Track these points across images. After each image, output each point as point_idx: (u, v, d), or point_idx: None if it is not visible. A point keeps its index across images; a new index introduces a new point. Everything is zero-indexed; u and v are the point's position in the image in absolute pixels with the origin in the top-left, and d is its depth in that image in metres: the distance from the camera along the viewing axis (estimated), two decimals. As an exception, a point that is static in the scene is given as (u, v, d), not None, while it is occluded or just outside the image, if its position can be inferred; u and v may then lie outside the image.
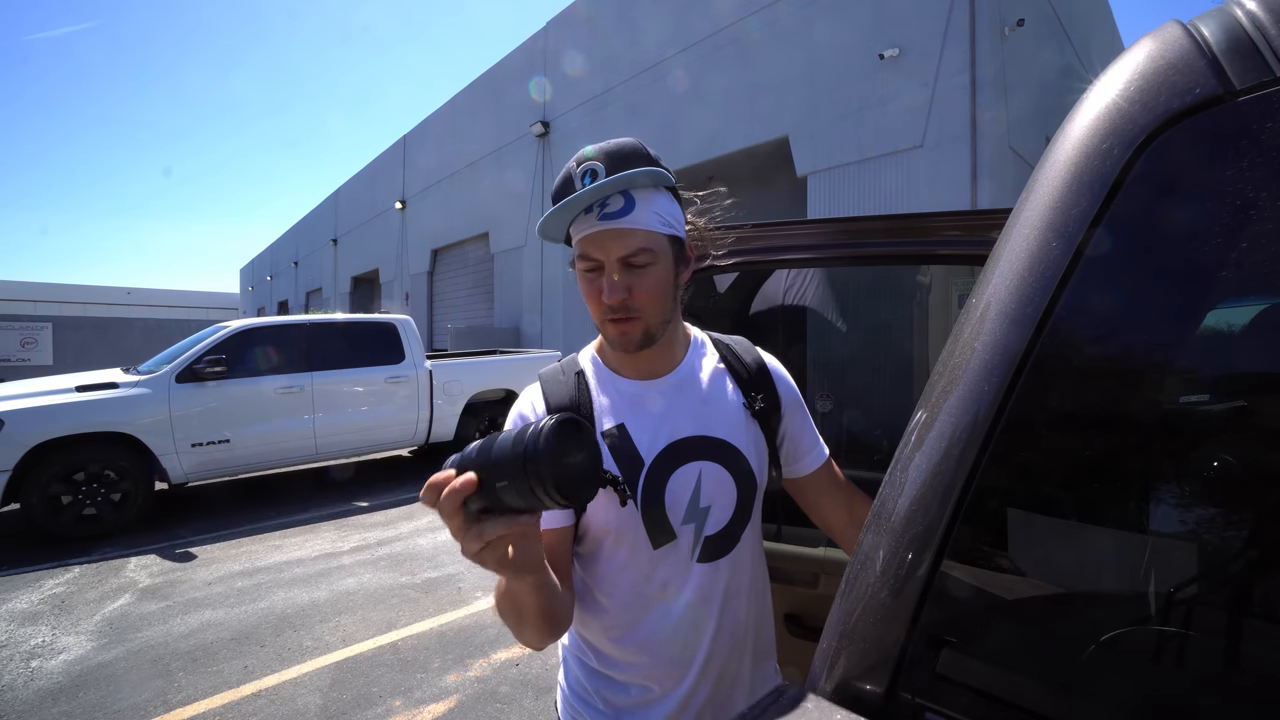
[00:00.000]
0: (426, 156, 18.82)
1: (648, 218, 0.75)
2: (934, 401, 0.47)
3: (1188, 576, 0.40)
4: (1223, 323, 0.40)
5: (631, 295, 0.75)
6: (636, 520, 0.80)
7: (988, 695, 0.42)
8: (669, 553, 0.81)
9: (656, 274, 0.76)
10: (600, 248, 0.75)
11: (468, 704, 2.48)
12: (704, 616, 0.83)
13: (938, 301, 1.80)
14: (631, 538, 0.80)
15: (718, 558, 0.83)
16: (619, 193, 0.74)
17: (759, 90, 9.30)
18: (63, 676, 2.71)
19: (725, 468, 0.83)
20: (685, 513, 0.81)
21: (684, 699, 0.82)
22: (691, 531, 0.82)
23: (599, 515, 0.80)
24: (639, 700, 0.84)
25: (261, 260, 41.46)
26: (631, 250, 0.74)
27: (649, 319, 0.77)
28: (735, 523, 0.84)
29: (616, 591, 0.83)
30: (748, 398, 0.87)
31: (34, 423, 4.35)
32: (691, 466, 0.81)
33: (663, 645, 0.82)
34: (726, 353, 0.91)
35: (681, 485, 0.81)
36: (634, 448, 0.80)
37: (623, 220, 0.73)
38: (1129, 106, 0.42)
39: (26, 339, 13.72)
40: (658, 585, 0.82)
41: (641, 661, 0.83)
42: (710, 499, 0.82)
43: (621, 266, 0.75)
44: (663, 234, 0.76)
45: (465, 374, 6.65)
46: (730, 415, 0.85)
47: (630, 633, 0.83)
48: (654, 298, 0.76)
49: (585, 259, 0.76)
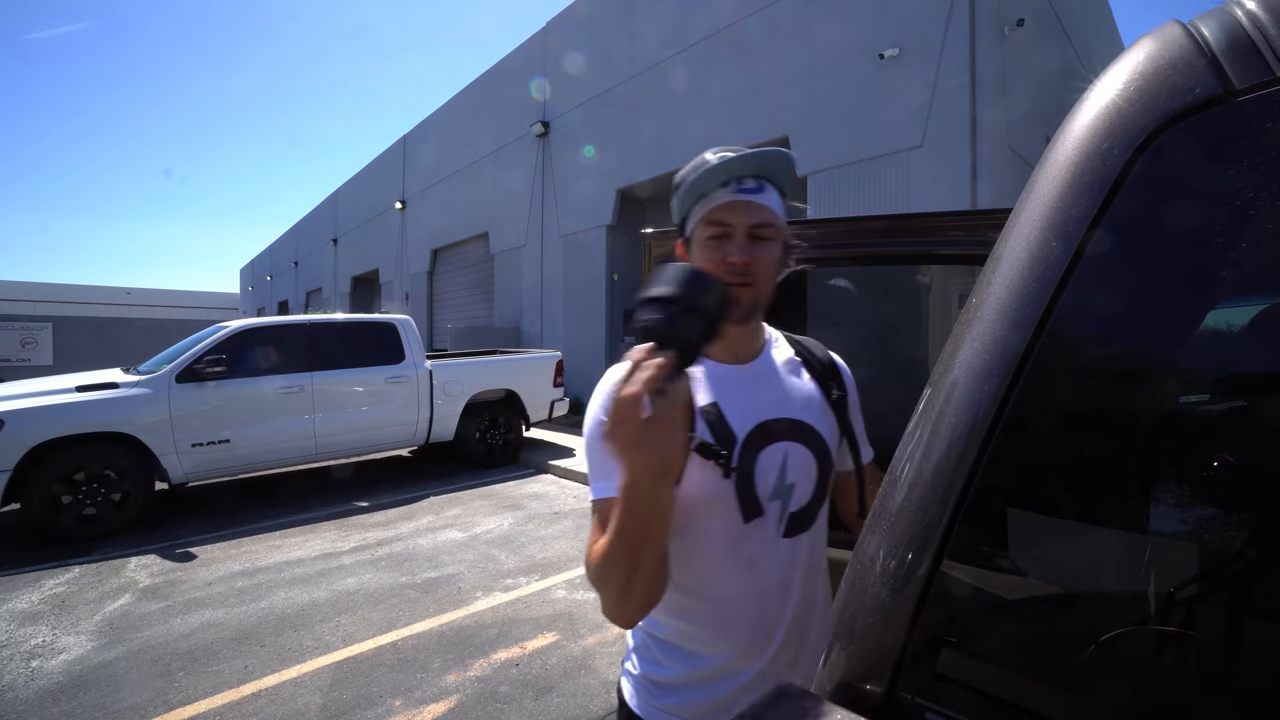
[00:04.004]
0: (426, 156, 18.80)
1: (773, 201, 0.86)
2: (934, 402, 0.47)
3: (1188, 576, 0.40)
4: (1223, 323, 0.40)
5: (753, 262, 0.83)
6: (731, 493, 0.84)
7: (988, 695, 0.42)
8: (757, 527, 0.85)
9: (773, 250, 0.85)
10: (735, 215, 0.83)
11: (468, 704, 2.48)
12: (786, 591, 0.87)
13: (938, 301, 1.80)
14: (723, 510, 0.84)
15: (800, 533, 0.88)
16: (753, 175, 0.85)
17: (759, 90, 9.30)
18: (63, 676, 2.71)
19: (808, 449, 0.88)
20: (773, 490, 0.86)
21: (763, 670, 0.85)
22: (778, 508, 0.86)
23: (698, 485, 0.83)
24: (719, 670, 0.86)
25: (261, 260, 41.45)
26: (760, 221, 0.83)
27: (760, 289, 0.85)
28: (815, 500, 0.89)
29: (706, 564, 0.85)
30: (824, 387, 0.94)
31: (34, 423, 4.35)
32: (779, 446, 0.86)
33: (748, 619, 0.85)
34: (799, 347, 0.99)
35: (770, 463, 0.86)
36: (728, 425, 0.85)
37: (756, 196, 0.84)
38: (1129, 106, 0.42)
39: (26, 339, 13.72)
40: (745, 559, 0.85)
41: (723, 634, 0.86)
42: (795, 477, 0.87)
43: (749, 234, 0.83)
44: (781, 219, 0.87)
45: (465, 374, 6.65)
46: (811, 401, 0.92)
47: (718, 606, 0.86)
48: (768, 269, 0.85)
49: (716, 224, 0.84)
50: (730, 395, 0.88)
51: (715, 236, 0.84)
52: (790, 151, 0.88)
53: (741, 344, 0.91)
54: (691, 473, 0.82)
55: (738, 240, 0.83)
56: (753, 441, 0.85)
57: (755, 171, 0.84)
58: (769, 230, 0.84)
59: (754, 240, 0.84)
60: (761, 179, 0.85)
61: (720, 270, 0.83)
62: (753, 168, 0.84)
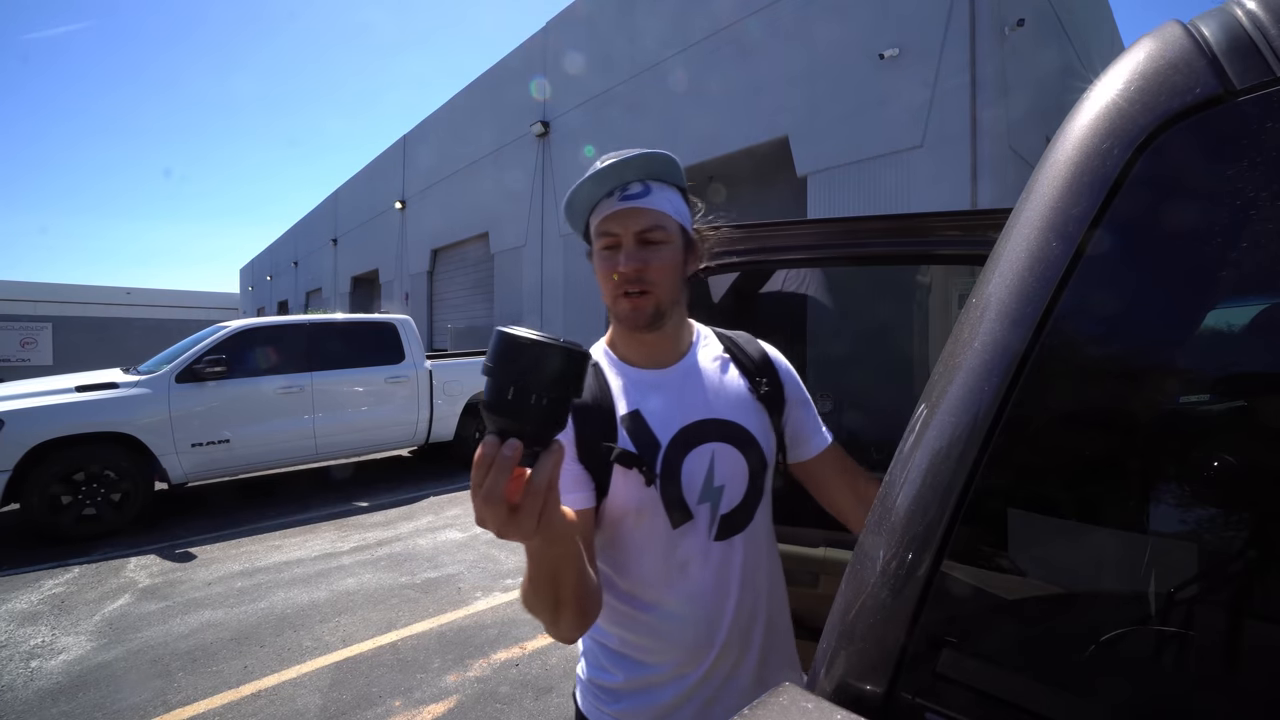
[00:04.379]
0: (426, 156, 18.81)
1: (663, 203, 0.83)
2: (934, 401, 0.47)
3: (1188, 576, 0.40)
4: (1223, 323, 0.40)
5: (645, 269, 0.81)
6: (656, 500, 0.83)
7: (988, 695, 0.42)
8: (687, 532, 0.84)
9: (669, 253, 0.83)
10: (620, 223, 0.82)
11: (468, 704, 2.48)
12: (724, 594, 0.86)
13: (938, 302, 1.80)
14: (651, 517, 0.83)
15: (733, 535, 0.87)
16: (638, 180, 0.83)
17: (759, 90, 9.30)
18: (62, 676, 2.71)
19: (736, 448, 0.87)
20: (701, 492, 0.85)
21: (704, 675, 0.85)
22: (707, 510, 0.85)
23: (622, 495, 0.82)
24: (662, 678, 0.85)
25: (261, 260, 41.45)
26: (647, 226, 0.81)
27: (660, 295, 0.82)
28: (748, 500, 0.88)
29: (637, 572, 0.85)
30: (752, 382, 0.92)
31: (34, 423, 4.35)
32: (705, 448, 0.85)
33: (684, 624, 0.85)
34: (729, 344, 0.97)
35: (696, 466, 0.85)
36: (650, 432, 0.84)
37: (641, 201, 0.81)
38: (1129, 106, 0.42)
39: (26, 339, 13.72)
40: (677, 564, 0.84)
41: (664, 641, 0.85)
42: (724, 478, 0.86)
43: (638, 241, 0.81)
44: (675, 219, 0.84)
45: (465, 374, 6.64)
46: (737, 399, 0.90)
47: (652, 613, 0.85)
48: (665, 274, 0.82)
49: (605, 235, 0.83)
50: (652, 401, 0.86)
51: (607, 247, 0.83)
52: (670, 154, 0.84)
53: (663, 348, 0.89)
54: (616, 483, 0.81)
55: (626, 249, 0.81)
56: (677, 445, 0.84)
57: (639, 175, 0.82)
58: (659, 233, 0.81)
59: (644, 245, 0.81)
60: (649, 181, 0.83)
61: (612, 282, 0.82)
62: (634, 172, 0.82)
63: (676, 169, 0.86)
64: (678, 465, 0.84)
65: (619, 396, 0.86)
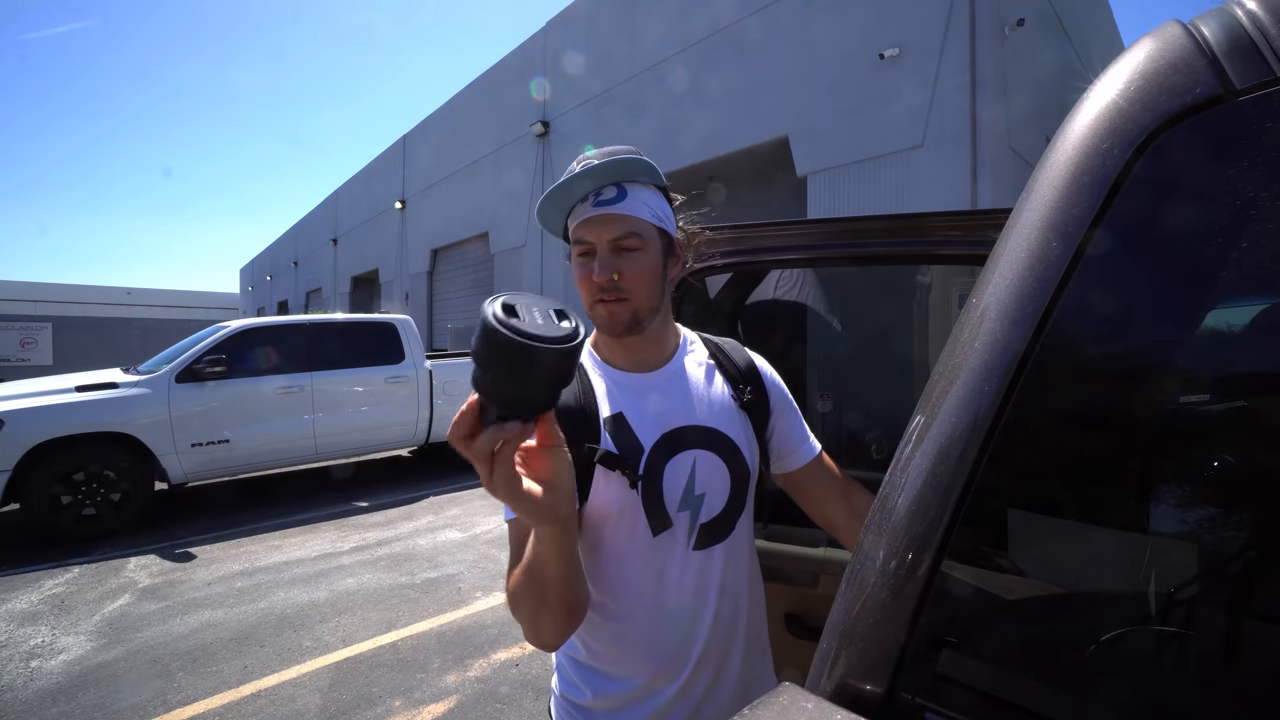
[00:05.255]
0: (426, 156, 18.81)
1: (638, 207, 0.80)
2: (934, 402, 0.47)
3: (1188, 576, 0.40)
4: (1223, 323, 0.40)
5: (621, 277, 0.79)
6: (638, 505, 0.81)
7: (988, 695, 0.42)
8: (667, 540, 0.82)
9: (645, 259, 0.80)
10: (593, 231, 0.79)
11: (468, 704, 2.48)
12: (701, 606, 0.83)
13: (938, 302, 1.80)
14: (631, 523, 0.81)
15: (713, 544, 0.85)
16: (613, 184, 0.79)
17: (759, 90, 9.30)
18: (62, 676, 2.71)
19: (718, 456, 0.85)
20: (681, 499, 0.83)
21: (680, 690, 0.82)
22: (687, 519, 0.84)
23: (604, 498, 0.81)
24: (636, 693, 0.83)
25: (261, 260, 41.44)
26: (621, 233, 0.78)
27: (636, 302, 0.80)
28: (730, 510, 0.86)
29: (615, 581, 0.83)
30: (736, 390, 0.91)
31: (34, 423, 4.35)
32: (686, 455, 0.84)
33: (660, 636, 0.82)
34: (715, 350, 0.95)
35: (677, 473, 0.83)
36: (633, 435, 0.82)
37: (614, 207, 0.79)
38: (1129, 106, 0.42)
39: (26, 339, 13.72)
40: (655, 574, 0.82)
41: (635, 652, 0.83)
42: (705, 486, 0.84)
43: (612, 249, 0.79)
44: (652, 224, 0.81)
45: (465, 374, 6.63)
46: (721, 406, 0.88)
47: (628, 624, 0.83)
48: (641, 281, 0.80)
49: (580, 243, 0.81)
50: (635, 404, 0.84)
51: (582, 254, 0.81)
52: (639, 151, 0.81)
53: (647, 352, 0.87)
54: (598, 486, 0.80)
55: (600, 257, 0.79)
56: (659, 451, 0.82)
57: (613, 178, 0.79)
58: (634, 239, 0.79)
59: (619, 253, 0.79)
60: (624, 184, 0.80)
61: (590, 291, 0.80)
62: (606, 176, 0.78)
63: (648, 170, 0.82)
64: (659, 471, 0.82)
65: (602, 399, 0.85)
